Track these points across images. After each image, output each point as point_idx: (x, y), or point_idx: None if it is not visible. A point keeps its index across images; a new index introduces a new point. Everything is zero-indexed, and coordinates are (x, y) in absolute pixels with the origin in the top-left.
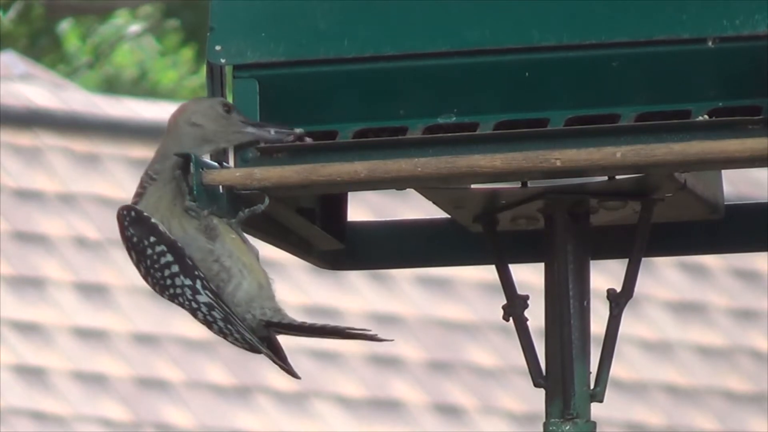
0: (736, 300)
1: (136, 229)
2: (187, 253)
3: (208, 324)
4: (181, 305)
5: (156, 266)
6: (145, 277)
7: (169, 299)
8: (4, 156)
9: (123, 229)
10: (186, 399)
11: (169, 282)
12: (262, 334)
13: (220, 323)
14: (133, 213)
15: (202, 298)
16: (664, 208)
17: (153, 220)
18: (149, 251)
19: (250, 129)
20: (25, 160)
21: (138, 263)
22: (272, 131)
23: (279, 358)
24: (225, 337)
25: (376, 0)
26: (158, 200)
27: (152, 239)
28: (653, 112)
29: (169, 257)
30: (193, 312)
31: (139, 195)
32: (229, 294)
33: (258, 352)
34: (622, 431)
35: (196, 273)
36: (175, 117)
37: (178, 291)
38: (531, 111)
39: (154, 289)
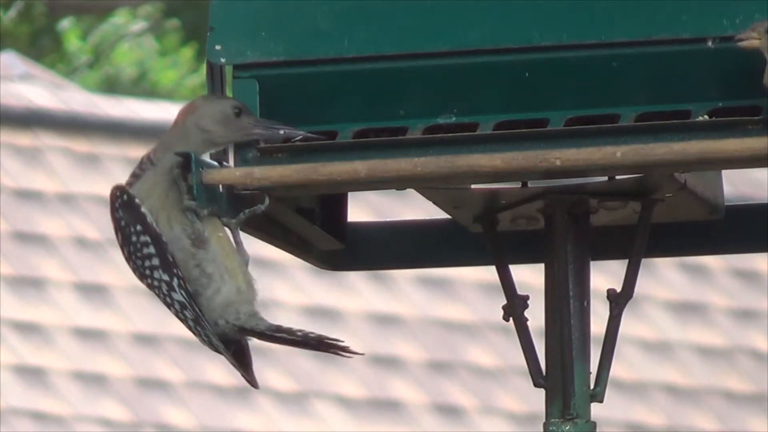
0: (736, 300)
1: (125, 213)
2: (169, 250)
3: (180, 320)
4: (157, 296)
5: (138, 254)
6: (126, 260)
7: (147, 287)
8: (4, 156)
9: (113, 210)
10: (186, 399)
11: (147, 272)
12: (235, 338)
13: (191, 323)
14: (125, 196)
15: (177, 296)
16: (664, 208)
17: (143, 209)
18: (134, 238)
19: (258, 131)
20: (25, 160)
21: (122, 245)
22: (281, 131)
23: (243, 364)
24: (196, 335)
25: (376, 0)
26: (152, 187)
27: (138, 228)
28: (653, 112)
29: (152, 249)
30: (168, 305)
31: (136, 176)
32: (207, 299)
33: (222, 354)
34: (622, 431)
35: (175, 271)
36: (184, 116)
37: (155, 283)
38: (531, 111)
39: (135, 274)
